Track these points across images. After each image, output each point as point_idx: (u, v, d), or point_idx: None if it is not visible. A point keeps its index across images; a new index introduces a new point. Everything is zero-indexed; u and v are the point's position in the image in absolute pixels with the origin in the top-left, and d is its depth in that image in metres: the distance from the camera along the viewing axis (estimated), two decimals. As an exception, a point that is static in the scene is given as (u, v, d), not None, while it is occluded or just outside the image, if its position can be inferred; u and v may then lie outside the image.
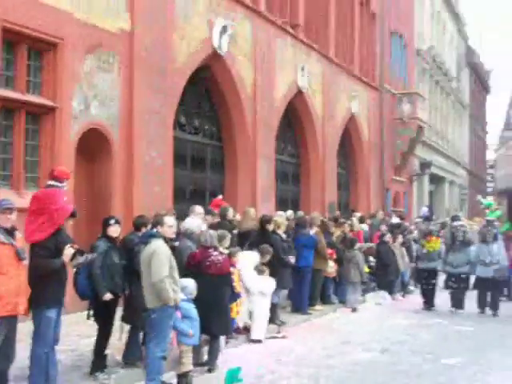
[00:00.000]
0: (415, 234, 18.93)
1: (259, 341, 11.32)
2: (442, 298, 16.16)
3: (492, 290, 15.34)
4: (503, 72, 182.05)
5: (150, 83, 14.08)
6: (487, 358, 10.73)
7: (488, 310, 15.26)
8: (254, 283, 11.35)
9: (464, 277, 15.49)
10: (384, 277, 17.15)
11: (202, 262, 9.20)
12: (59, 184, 7.75)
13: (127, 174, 13.46)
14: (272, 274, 11.93)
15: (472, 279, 15.79)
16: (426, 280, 16.17)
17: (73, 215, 7.62)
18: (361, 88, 27.30)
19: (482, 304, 15.32)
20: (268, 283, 11.64)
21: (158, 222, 8.55)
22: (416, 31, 36.41)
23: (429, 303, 16.06)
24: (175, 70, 15.03)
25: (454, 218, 16.82)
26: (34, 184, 11.61)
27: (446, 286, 16.12)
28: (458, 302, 15.47)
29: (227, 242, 10.37)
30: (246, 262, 11.40)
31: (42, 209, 7.29)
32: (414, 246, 18.01)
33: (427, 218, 16.86)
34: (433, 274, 16.10)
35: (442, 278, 17.19)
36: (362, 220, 20.09)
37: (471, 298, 15.57)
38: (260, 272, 11.57)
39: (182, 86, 15.48)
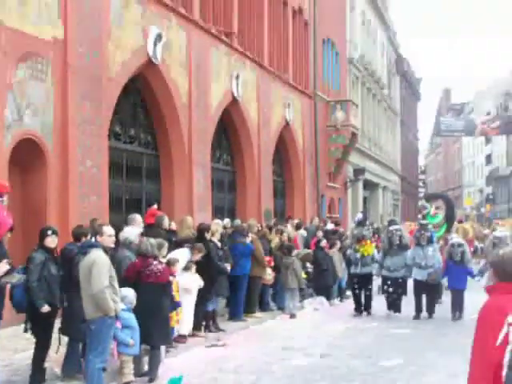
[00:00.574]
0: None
1: (184, 336, 11.41)
2: (378, 302, 16.24)
3: (428, 293, 15.38)
4: (432, 80, 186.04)
5: (84, 92, 13.92)
6: (424, 359, 10.91)
7: (424, 313, 15.36)
8: (180, 280, 11.23)
9: (401, 281, 15.52)
10: (321, 282, 17.26)
11: (141, 272, 9.13)
12: (-1, 198, 7.61)
13: (62, 184, 13.26)
14: (208, 282, 11.93)
15: (409, 283, 15.88)
16: (358, 285, 16.06)
17: (11, 229, 7.50)
18: (295, 96, 27.52)
19: (417, 307, 15.33)
20: (193, 280, 11.58)
21: (97, 231, 8.45)
22: (348, 39, 36.92)
23: (359, 309, 15.99)
24: (110, 78, 14.90)
25: (391, 223, 16.90)
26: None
27: (382, 291, 16.11)
28: (394, 306, 15.52)
29: (165, 251, 10.33)
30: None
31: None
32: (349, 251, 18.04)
33: (360, 223, 16.79)
34: (367, 279, 16.08)
35: (375, 283, 17.27)
36: (299, 226, 20.24)
37: (407, 301, 15.65)
38: (186, 269, 11.51)
39: (116, 95, 15.36)
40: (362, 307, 16.03)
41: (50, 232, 8.68)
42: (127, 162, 16.84)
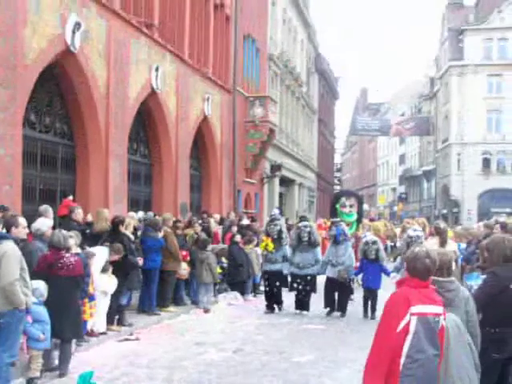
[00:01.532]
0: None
1: (104, 333, 11.48)
2: (289, 298, 16.10)
3: (340, 291, 15.37)
4: (351, 79, 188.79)
5: (-2, 78, 13.53)
6: (336, 354, 11.09)
7: (336, 311, 15.35)
8: (97, 281, 11.12)
9: (309, 278, 15.42)
10: (236, 277, 17.29)
11: (53, 264, 8.96)
12: None
13: (-27, 173, 12.90)
14: (120, 275, 11.84)
15: (319, 281, 15.86)
16: (268, 282, 15.93)
17: None
18: (214, 90, 27.46)
19: (328, 303, 15.32)
20: (110, 283, 11.49)
21: (12, 222, 8.25)
22: (268, 36, 37.08)
23: (271, 307, 15.84)
24: (25, 65, 14.52)
25: (301, 219, 16.97)
26: None
27: (291, 288, 15.82)
28: (303, 304, 15.47)
29: (78, 239, 10.19)
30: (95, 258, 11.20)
31: None
32: None
33: (273, 220, 16.60)
34: (276, 276, 15.78)
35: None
36: (221, 222, 20.37)
37: (319, 298, 15.69)
38: (104, 270, 11.40)
39: (32, 83, 14.99)
40: (274, 305, 15.89)
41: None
42: (42, 152, 16.47)
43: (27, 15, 14.54)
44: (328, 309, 15.38)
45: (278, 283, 15.78)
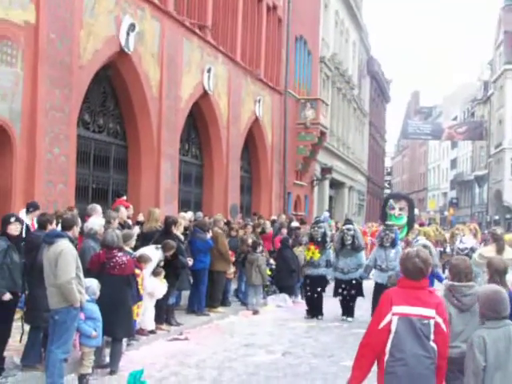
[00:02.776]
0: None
1: (153, 332, 11.46)
2: (335, 304, 15.50)
3: None
4: (402, 82, 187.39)
5: (54, 79, 13.75)
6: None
7: None
8: (146, 282, 11.13)
9: (355, 283, 14.96)
10: (288, 281, 17.06)
11: (105, 263, 9.05)
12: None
13: (29, 172, 13.10)
14: (170, 276, 11.88)
15: (367, 285, 15.46)
16: (310, 287, 15.40)
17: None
18: (266, 92, 27.50)
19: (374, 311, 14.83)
20: (161, 287, 11.48)
21: (73, 222, 8.37)
22: (320, 38, 36.97)
23: (313, 312, 15.23)
24: (81, 66, 14.74)
25: (346, 222, 16.26)
26: None
27: (336, 294, 15.25)
28: (348, 310, 15.01)
29: (133, 242, 10.26)
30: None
31: None
32: None
33: (316, 223, 16.17)
34: (318, 281, 15.26)
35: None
36: (273, 223, 20.39)
37: (366, 302, 15.17)
38: (156, 274, 11.42)
39: (87, 83, 15.21)
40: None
41: (13, 219, 8.56)
42: (95, 152, 16.69)
43: (83, 17, 14.76)
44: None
45: (319, 288, 15.32)
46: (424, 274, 5.48)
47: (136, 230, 12.60)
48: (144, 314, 11.11)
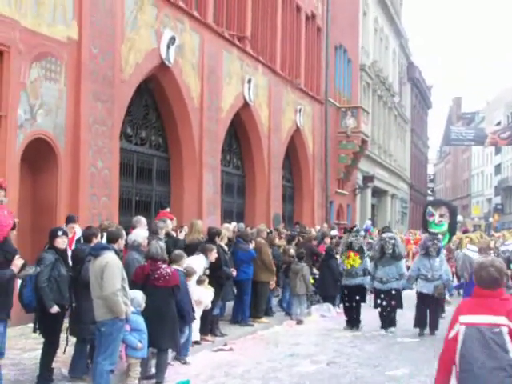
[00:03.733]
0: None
1: (197, 342, 11.43)
2: (374, 313, 14.91)
3: (432, 307, 14.19)
4: (443, 87, 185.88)
5: (97, 93, 13.94)
6: (432, 368, 10.76)
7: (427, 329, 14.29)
8: (192, 291, 11.17)
9: (395, 293, 14.36)
10: (334, 291, 16.86)
11: (150, 275, 9.12)
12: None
13: (73, 185, 13.28)
14: (215, 286, 11.90)
15: (406, 295, 15.03)
16: (348, 297, 14.97)
17: (12, 228, 7.45)
18: (306, 101, 27.52)
19: (420, 322, 14.17)
20: (207, 294, 11.53)
21: (118, 235, 8.48)
22: (360, 46, 36.90)
23: (352, 322, 14.82)
24: (123, 80, 14.92)
25: (384, 230, 15.78)
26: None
27: (376, 305, 14.64)
28: (389, 320, 14.41)
29: (184, 263, 10.29)
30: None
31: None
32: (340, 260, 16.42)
33: (349, 230, 15.79)
34: (356, 290, 14.84)
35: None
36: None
37: (409, 311, 14.82)
38: (199, 282, 11.45)
39: (129, 97, 15.38)
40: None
41: (60, 233, 8.68)
42: (138, 164, 16.86)
43: (125, 32, 14.93)
44: (418, 329, 14.21)
45: (358, 297, 14.93)
46: (499, 284, 5.25)
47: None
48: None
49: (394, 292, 14.32)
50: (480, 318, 5.16)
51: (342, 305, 16.38)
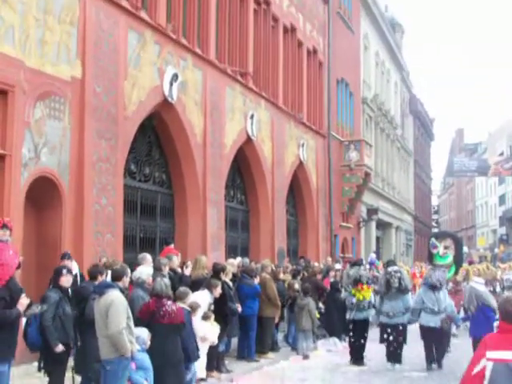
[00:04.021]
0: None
1: (203, 379, 11.31)
2: (379, 348, 14.83)
3: (438, 341, 14.07)
4: (445, 119, 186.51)
5: (100, 131, 14.02)
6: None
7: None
8: (198, 327, 11.11)
9: (401, 328, 14.12)
10: (337, 324, 16.82)
11: (155, 312, 9.10)
12: (1, 237, 7.60)
13: (77, 222, 13.29)
14: (220, 322, 11.85)
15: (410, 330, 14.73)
16: (354, 332, 14.67)
17: (17, 267, 7.47)
18: (309, 135, 27.62)
19: (428, 356, 14.00)
20: (213, 331, 11.46)
21: (122, 273, 8.48)
22: (362, 80, 37.12)
23: (357, 357, 14.57)
24: (126, 117, 15.01)
25: (389, 264, 15.48)
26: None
27: (382, 339, 14.39)
28: (395, 356, 14.14)
29: (189, 300, 10.24)
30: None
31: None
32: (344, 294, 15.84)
33: (356, 263, 15.52)
34: (363, 325, 14.67)
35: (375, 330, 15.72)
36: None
37: (413, 344, 14.74)
38: (205, 318, 11.40)
39: (132, 134, 15.46)
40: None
41: (64, 271, 8.70)
42: (142, 200, 16.89)
43: (128, 69, 15.06)
44: (426, 363, 14.01)
45: (366, 334, 14.71)
46: None
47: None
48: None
49: (400, 327, 14.10)
50: (509, 353, 5.03)
51: (347, 339, 15.93)
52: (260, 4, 22.99)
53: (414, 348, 14.79)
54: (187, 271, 13.10)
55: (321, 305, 17.43)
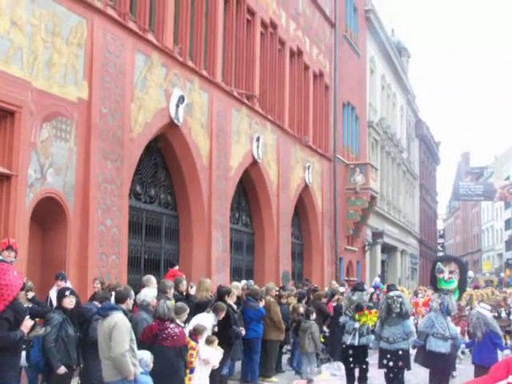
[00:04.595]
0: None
1: None
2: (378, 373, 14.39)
3: (444, 367, 13.65)
4: (451, 143, 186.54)
5: (106, 152, 14.05)
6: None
7: None
8: (201, 350, 10.99)
9: (401, 353, 13.50)
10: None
11: (158, 334, 9.07)
12: (6, 258, 7.61)
13: (82, 243, 13.29)
14: (225, 346, 11.78)
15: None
16: (353, 358, 14.11)
17: (21, 288, 7.44)
18: (315, 158, 27.65)
19: (434, 382, 13.64)
20: (216, 355, 11.33)
21: (126, 295, 8.48)
22: (367, 103, 37.21)
23: (360, 380, 14.09)
24: (132, 139, 15.05)
25: (390, 288, 14.98)
26: (-14, 253, 11.37)
27: (381, 365, 13.76)
28: (398, 382, 13.61)
29: (185, 316, 10.14)
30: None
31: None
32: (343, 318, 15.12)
33: (355, 288, 14.98)
34: (364, 350, 14.21)
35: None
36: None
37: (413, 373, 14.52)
38: (209, 342, 11.30)
39: (138, 156, 15.49)
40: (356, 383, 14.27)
41: (67, 293, 8.70)
42: (147, 222, 16.89)
43: (134, 91, 15.12)
44: None
45: (366, 358, 14.28)
46: None
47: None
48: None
49: (400, 352, 13.55)
50: None
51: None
52: (267, 27, 23.12)
53: (417, 373, 14.62)
54: (193, 290, 13.12)
55: (325, 328, 17.35)
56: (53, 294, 11.38)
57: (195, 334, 10.48)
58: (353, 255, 32.84)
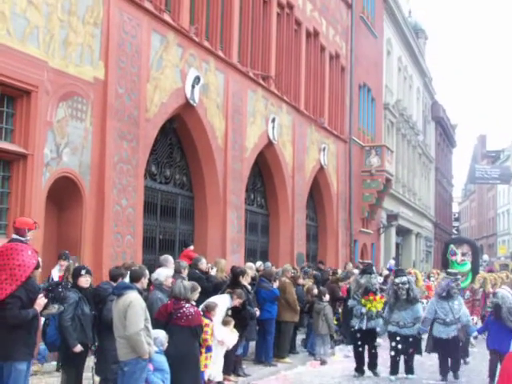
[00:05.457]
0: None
1: (220, 382, 11.14)
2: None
3: (453, 352, 13.45)
4: (468, 126, 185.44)
5: (122, 132, 14.06)
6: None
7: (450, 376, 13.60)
8: (216, 331, 11.03)
9: (412, 340, 13.46)
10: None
11: (173, 313, 9.10)
12: (21, 237, 7.60)
13: (97, 223, 13.34)
14: (239, 326, 11.81)
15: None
16: (362, 341, 13.97)
17: (36, 267, 7.42)
18: (330, 140, 27.56)
19: (444, 369, 13.48)
20: (232, 337, 11.37)
21: (141, 274, 8.51)
22: (384, 85, 37.00)
23: (361, 369, 13.98)
24: (148, 119, 15.05)
25: (398, 273, 14.52)
26: (2, 231, 11.45)
27: (391, 348, 13.75)
28: (408, 368, 13.62)
29: (196, 295, 10.09)
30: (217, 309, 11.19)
31: (2, 264, 7.08)
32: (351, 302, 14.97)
33: (364, 271, 14.68)
34: (373, 334, 13.94)
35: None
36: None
37: (427, 356, 14.31)
38: (225, 323, 11.35)
39: (154, 136, 15.50)
40: (365, 367, 14.20)
41: (83, 272, 8.73)
42: (162, 202, 16.91)
43: (150, 72, 15.10)
44: (441, 377, 13.49)
45: (375, 342, 14.09)
46: None
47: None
48: (213, 364, 11.03)
49: (411, 339, 13.52)
50: None
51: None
52: (283, 8, 22.99)
53: (431, 356, 14.49)
54: (213, 272, 13.16)
55: (339, 309, 17.36)
56: (55, 273, 11.45)
57: (207, 310, 10.50)
58: (367, 237, 32.79)
